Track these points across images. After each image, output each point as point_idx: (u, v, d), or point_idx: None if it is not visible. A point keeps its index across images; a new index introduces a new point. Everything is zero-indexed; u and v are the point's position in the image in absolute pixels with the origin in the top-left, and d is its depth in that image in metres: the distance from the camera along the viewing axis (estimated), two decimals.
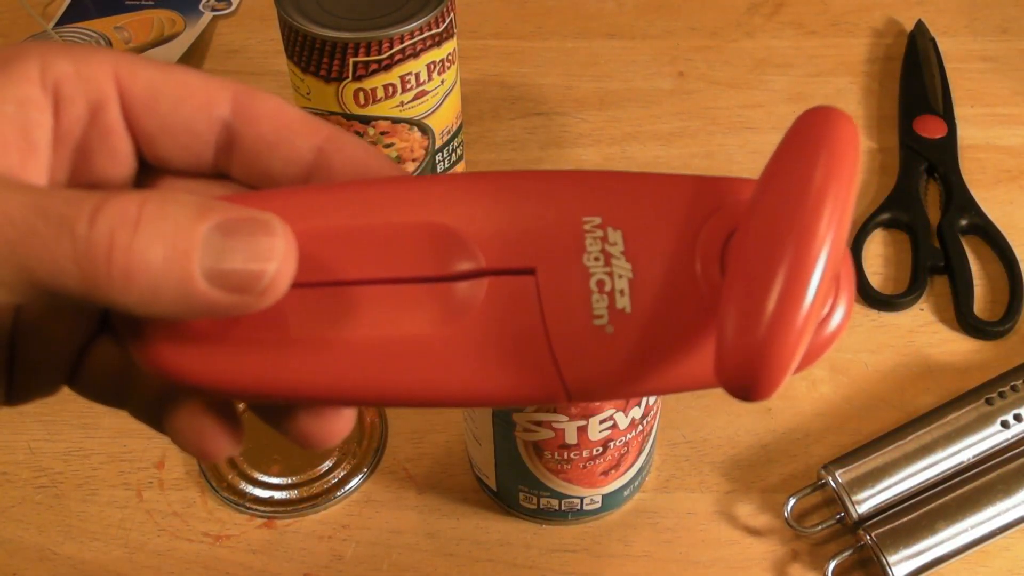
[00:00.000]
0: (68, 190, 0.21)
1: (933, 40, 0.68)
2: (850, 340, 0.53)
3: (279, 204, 0.24)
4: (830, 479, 0.45)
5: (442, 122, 0.55)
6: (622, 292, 0.23)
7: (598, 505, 0.45)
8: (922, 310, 0.54)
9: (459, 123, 0.57)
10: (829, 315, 0.24)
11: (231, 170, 0.27)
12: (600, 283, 0.23)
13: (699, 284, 0.24)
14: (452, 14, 0.52)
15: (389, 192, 0.25)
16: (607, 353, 0.23)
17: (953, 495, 0.44)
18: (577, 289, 0.23)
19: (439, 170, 0.57)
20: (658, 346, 0.23)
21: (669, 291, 0.24)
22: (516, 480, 0.44)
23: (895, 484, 0.44)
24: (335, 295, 0.24)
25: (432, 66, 0.52)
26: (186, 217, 0.21)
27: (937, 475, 0.45)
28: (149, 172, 0.27)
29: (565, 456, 0.42)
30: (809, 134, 0.23)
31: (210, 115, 0.25)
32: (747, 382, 0.21)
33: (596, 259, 0.24)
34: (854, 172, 0.22)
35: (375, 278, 0.24)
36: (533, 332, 0.23)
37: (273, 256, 0.21)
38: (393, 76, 0.51)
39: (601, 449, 0.42)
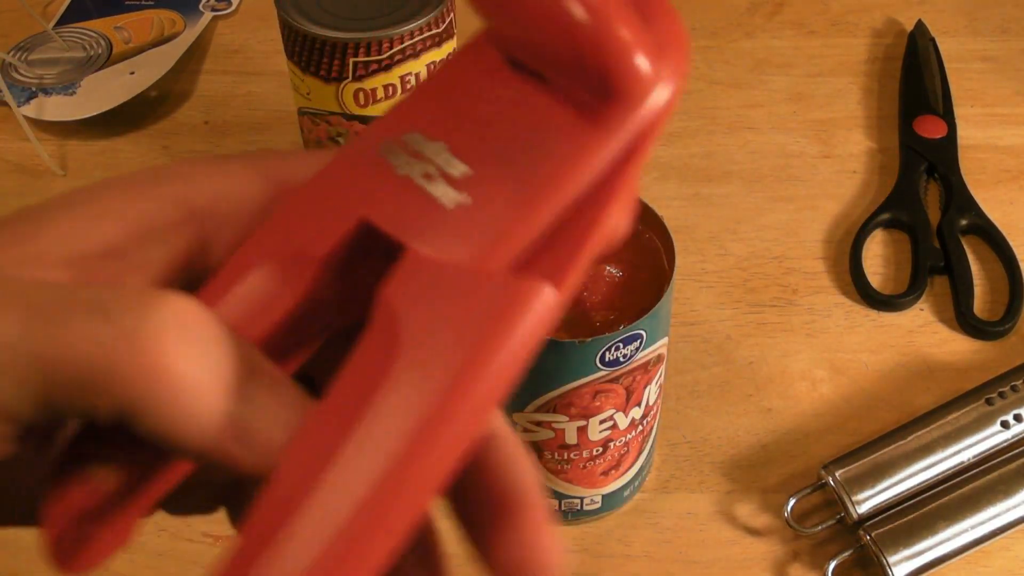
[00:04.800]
0: (113, 284, 0.20)
1: (933, 40, 0.68)
2: (850, 340, 0.53)
3: None
4: (830, 479, 0.45)
5: None
6: (449, 163, 0.21)
7: (598, 505, 0.45)
8: (922, 310, 0.54)
9: None
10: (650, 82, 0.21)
11: None
12: (426, 175, 0.21)
13: (505, 87, 0.21)
14: (452, 14, 0.52)
15: None
16: (488, 217, 0.20)
17: (953, 495, 0.44)
18: (412, 198, 0.21)
19: None
20: (524, 163, 0.20)
21: (486, 121, 0.21)
22: None
23: (895, 484, 0.44)
24: None
25: (432, 66, 0.52)
26: (231, 345, 0.20)
27: (937, 475, 0.45)
28: None
29: (565, 456, 0.42)
30: None
31: None
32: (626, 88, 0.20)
33: (408, 164, 0.21)
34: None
35: None
36: (409, 260, 0.20)
37: (288, 425, 0.20)
38: (393, 76, 0.51)
39: (601, 449, 0.42)
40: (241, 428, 0.20)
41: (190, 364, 0.19)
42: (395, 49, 0.50)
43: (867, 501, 0.44)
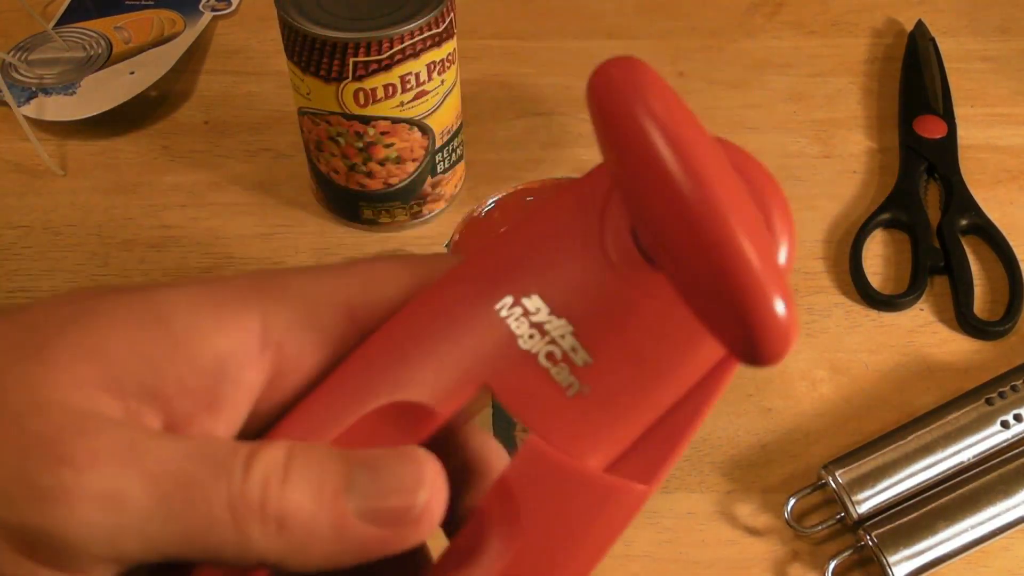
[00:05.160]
0: (223, 441, 0.21)
1: (933, 40, 0.68)
2: (850, 340, 0.53)
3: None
4: (830, 479, 0.45)
5: (442, 122, 0.55)
6: (574, 349, 0.22)
7: None
8: (922, 310, 0.54)
9: (459, 123, 0.57)
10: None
11: None
12: (550, 355, 0.22)
13: (630, 281, 0.22)
14: (452, 14, 0.52)
15: (331, 393, 0.23)
16: (604, 413, 0.22)
17: (953, 495, 0.44)
18: (535, 378, 0.22)
19: (439, 170, 0.57)
20: (642, 365, 0.22)
21: (612, 312, 0.22)
22: None
23: (895, 484, 0.44)
24: None
25: (432, 66, 0.52)
26: (331, 460, 0.21)
27: (937, 475, 0.45)
28: None
29: None
30: (621, 103, 0.20)
31: None
32: (767, 355, 0.20)
33: (531, 337, 0.22)
34: (680, 114, 0.20)
35: None
36: (529, 448, 0.22)
37: (423, 483, 0.21)
38: (393, 76, 0.51)
39: None
40: (372, 514, 0.20)
41: (299, 497, 0.20)
42: (395, 49, 0.50)
43: (867, 501, 0.44)
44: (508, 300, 0.22)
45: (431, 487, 0.21)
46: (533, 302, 0.22)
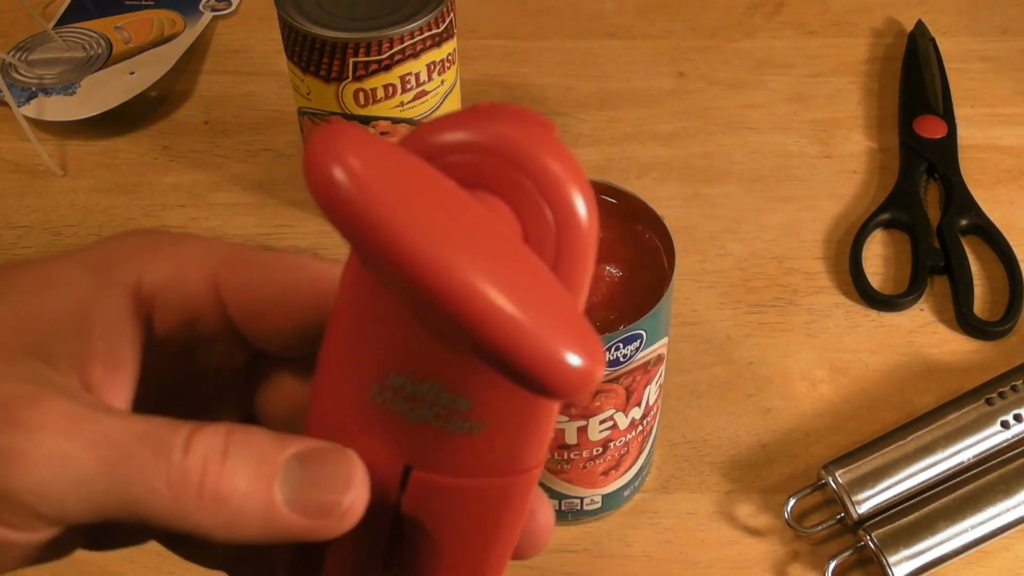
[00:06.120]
0: (164, 419, 0.22)
1: (933, 40, 0.68)
2: (850, 340, 0.53)
3: None
4: (830, 479, 0.45)
5: None
6: (453, 400, 0.22)
7: (598, 505, 0.45)
8: (922, 310, 0.54)
9: None
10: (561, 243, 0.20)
11: None
12: (438, 416, 0.22)
13: None
14: (452, 14, 0.52)
15: None
16: (510, 430, 0.23)
17: (953, 495, 0.44)
18: (437, 440, 0.23)
19: None
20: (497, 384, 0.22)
21: (460, 353, 0.21)
22: None
23: (895, 484, 0.44)
24: None
25: (432, 66, 0.52)
26: (269, 446, 0.22)
27: (937, 475, 0.45)
28: (259, 360, 0.27)
29: (565, 456, 0.42)
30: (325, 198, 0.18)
31: (316, 307, 0.25)
32: (571, 395, 0.20)
33: (413, 409, 0.22)
34: (380, 188, 0.18)
35: None
36: (416, 483, 0.23)
37: (352, 485, 0.22)
38: (393, 76, 0.51)
39: (601, 449, 0.42)
40: (300, 504, 0.22)
41: (234, 480, 0.21)
42: (395, 49, 0.50)
43: (867, 501, 0.44)
44: (374, 388, 0.23)
45: (359, 489, 0.22)
46: (395, 380, 0.23)
